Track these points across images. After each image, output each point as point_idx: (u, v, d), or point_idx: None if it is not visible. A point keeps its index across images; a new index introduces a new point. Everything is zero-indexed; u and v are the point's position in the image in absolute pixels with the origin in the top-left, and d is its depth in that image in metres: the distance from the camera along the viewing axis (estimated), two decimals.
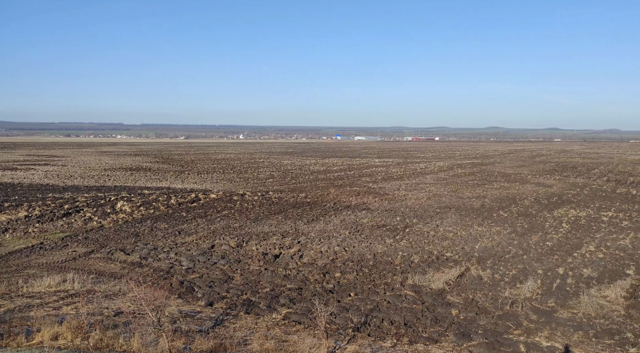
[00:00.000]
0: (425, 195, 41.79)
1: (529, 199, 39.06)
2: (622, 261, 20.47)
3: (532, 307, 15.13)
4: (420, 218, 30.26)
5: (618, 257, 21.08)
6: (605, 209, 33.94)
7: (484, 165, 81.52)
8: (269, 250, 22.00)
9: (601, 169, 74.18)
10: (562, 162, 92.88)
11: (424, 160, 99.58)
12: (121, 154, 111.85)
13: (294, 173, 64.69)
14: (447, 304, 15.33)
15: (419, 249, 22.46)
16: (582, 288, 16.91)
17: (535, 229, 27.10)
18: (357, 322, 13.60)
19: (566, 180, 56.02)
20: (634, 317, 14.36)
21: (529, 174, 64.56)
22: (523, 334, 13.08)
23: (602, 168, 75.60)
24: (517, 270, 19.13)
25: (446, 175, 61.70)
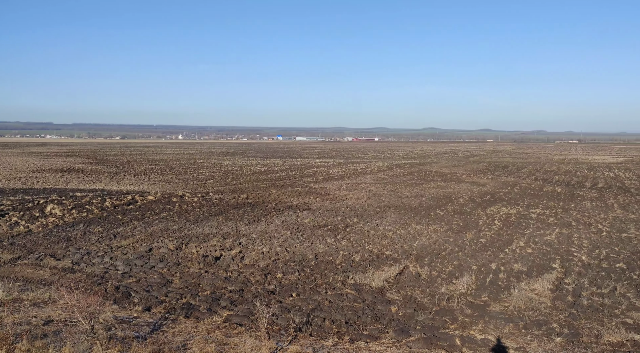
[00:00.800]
0: (365, 194, 42.45)
1: (464, 198, 40.53)
2: (548, 255, 21.64)
3: (467, 301, 15.71)
4: (360, 218, 30.70)
5: (545, 252, 22.26)
6: (534, 206, 35.74)
7: (422, 165, 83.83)
8: (210, 252, 21.63)
9: (530, 168, 78.09)
10: (494, 161, 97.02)
11: (364, 160, 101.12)
12: (51, 155, 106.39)
13: (235, 174, 63.94)
14: (386, 302, 15.64)
15: (360, 248, 22.79)
16: (513, 282, 17.73)
17: (470, 227, 28.14)
18: (299, 322, 13.63)
19: (498, 179, 58.56)
20: (559, 308, 15.22)
21: (464, 173, 66.98)
22: (459, 328, 13.57)
23: (531, 167, 79.60)
24: (453, 267, 19.80)
25: (386, 175, 62.95)
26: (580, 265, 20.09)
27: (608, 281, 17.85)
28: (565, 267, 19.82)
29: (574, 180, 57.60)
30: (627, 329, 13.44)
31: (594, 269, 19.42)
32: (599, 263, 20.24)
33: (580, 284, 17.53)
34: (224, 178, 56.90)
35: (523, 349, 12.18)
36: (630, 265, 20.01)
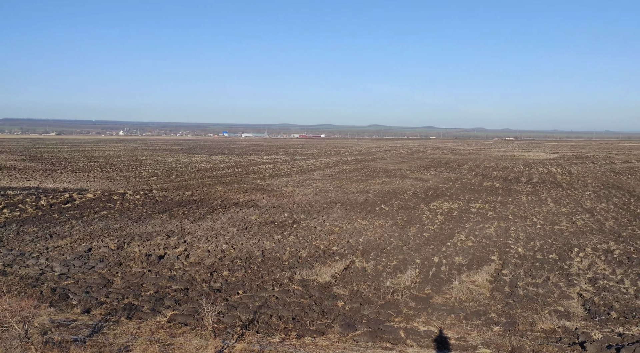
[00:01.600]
0: (312, 191, 42.63)
1: (408, 193, 41.45)
2: (487, 248, 22.50)
3: (411, 295, 16.10)
4: (307, 214, 30.81)
5: (484, 245, 23.13)
6: (474, 201, 37.04)
7: (367, 162, 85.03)
8: (153, 251, 21.09)
9: (470, 164, 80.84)
10: (436, 158, 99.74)
11: (311, 156, 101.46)
12: None
13: (179, 171, 62.57)
14: (333, 297, 15.79)
15: (307, 244, 22.87)
16: (454, 274, 18.32)
17: (414, 221, 28.82)
18: (245, 319, 13.53)
19: (440, 175, 60.26)
20: (497, 298, 15.87)
21: (408, 169, 68.48)
22: (403, 321, 13.89)
23: (471, 163, 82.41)
24: (398, 261, 20.23)
25: (332, 171, 63.43)
26: (516, 257, 21.01)
27: (542, 271, 18.76)
28: (503, 259, 20.67)
29: (511, 175, 60.10)
30: (558, 316, 14.19)
31: (529, 260, 20.35)
32: (534, 255, 21.23)
33: (517, 275, 18.33)
34: (167, 176, 55.58)
35: (464, 339, 12.62)
36: (562, 255, 21.12)
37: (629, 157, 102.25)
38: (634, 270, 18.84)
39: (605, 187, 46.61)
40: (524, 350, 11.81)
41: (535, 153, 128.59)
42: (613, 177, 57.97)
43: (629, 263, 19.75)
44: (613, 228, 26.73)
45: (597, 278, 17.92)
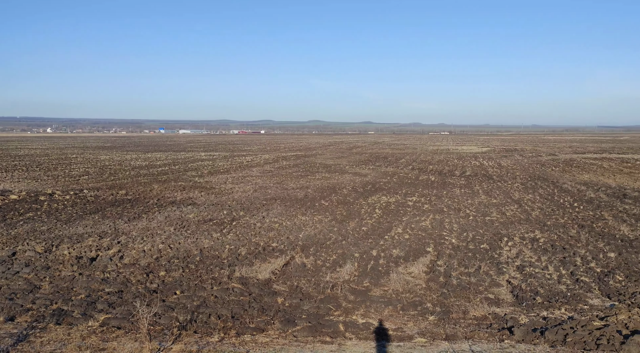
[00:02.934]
0: (251, 187, 42.28)
1: (347, 188, 41.95)
2: (423, 240, 23.16)
3: (350, 288, 16.32)
4: (247, 211, 30.53)
5: (420, 237, 23.79)
6: (411, 195, 38.00)
7: (307, 157, 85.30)
8: (84, 253, 20.20)
9: (407, 158, 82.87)
10: (375, 152, 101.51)
11: (251, 153, 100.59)
12: None
13: (112, 169, 60.23)
14: (273, 293, 15.75)
15: (246, 241, 22.67)
16: (392, 267, 18.74)
17: (353, 216, 29.21)
18: (183, 320, 13.24)
19: (379, 169, 61.39)
20: (432, 288, 16.38)
21: (347, 164, 69.28)
22: (342, 314, 14.06)
23: (408, 158, 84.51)
24: (337, 255, 20.45)
25: (272, 168, 63.16)
26: (450, 247, 21.76)
27: (474, 261, 19.54)
28: (438, 250, 21.35)
29: (446, 169, 62.13)
30: (489, 304, 14.86)
31: (463, 251, 21.14)
32: (467, 245, 22.07)
33: (451, 265, 19.00)
34: (100, 174, 53.37)
35: (401, 329, 12.94)
36: (492, 245, 22.09)
37: (553, 150, 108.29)
38: (557, 256, 20.00)
39: (532, 179, 49.13)
40: (457, 337, 12.26)
41: (468, 147, 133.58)
42: (539, 169, 61.18)
43: (552, 251, 20.93)
44: (539, 218, 28.21)
45: (524, 265, 18.88)
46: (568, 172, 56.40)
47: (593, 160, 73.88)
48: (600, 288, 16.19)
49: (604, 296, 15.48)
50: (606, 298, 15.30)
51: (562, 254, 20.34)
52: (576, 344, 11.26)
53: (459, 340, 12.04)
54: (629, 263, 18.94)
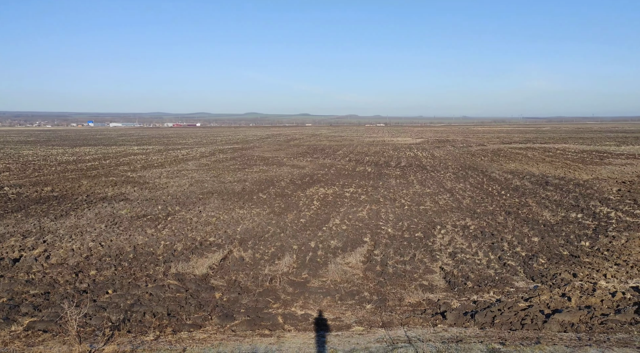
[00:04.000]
0: (187, 181, 41.35)
1: (285, 180, 41.92)
2: (360, 230, 23.56)
3: (288, 280, 16.36)
4: (182, 206, 29.84)
5: (358, 227, 24.18)
6: (348, 186, 38.51)
7: (245, 150, 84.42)
8: (6, 254, 19.03)
9: (344, 150, 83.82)
10: (312, 144, 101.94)
11: (186, 146, 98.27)
12: None
13: (37, 164, 56.98)
14: (211, 288, 15.52)
15: (182, 237, 22.18)
16: (330, 258, 18.95)
17: (291, 208, 29.24)
18: (116, 320, 12.78)
19: (316, 161, 61.73)
20: (369, 277, 16.72)
21: (285, 156, 69.17)
22: (281, 307, 14.08)
23: (345, 149, 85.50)
24: (276, 248, 20.42)
25: (208, 161, 62.01)
26: (387, 237, 22.26)
27: (409, 249, 20.10)
28: (375, 239, 21.80)
29: (382, 160, 63.39)
30: (423, 290, 15.35)
31: (398, 240, 21.69)
32: (402, 234, 22.67)
33: (387, 254, 19.45)
34: (22, 170, 50.36)
35: (339, 319, 13.12)
36: (426, 233, 22.81)
37: (482, 141, 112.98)
38: (486, 242, 20.94)
39: (463, 168, 51.08)
40: (393, 324, 12.59)
41: (403, 138, 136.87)
42: (469, 159, 63.67)
43: (482, 237, 21.89)
44: (469, 206, 29.40)
45: (456, 252, 19.64)
46: (496, 161, 59.05)
47: (518, 150, 77.73)
48: (525, 271, 17.12)
49: (528, 278, 16.38)
50: (530, 280, 16.20)
51: (491, 240, 21.32)
52: (503, 325, 11.86)
53: (395, 326, 12.37)
54: (551, 246, 20.14)
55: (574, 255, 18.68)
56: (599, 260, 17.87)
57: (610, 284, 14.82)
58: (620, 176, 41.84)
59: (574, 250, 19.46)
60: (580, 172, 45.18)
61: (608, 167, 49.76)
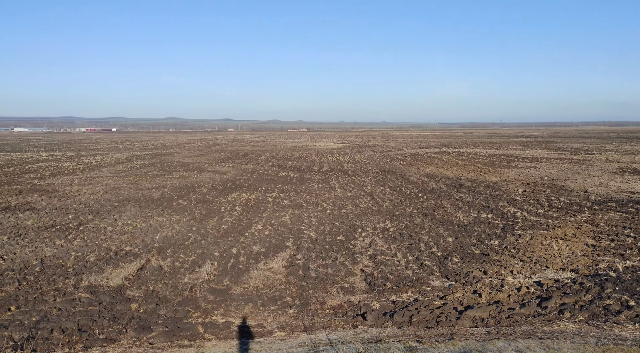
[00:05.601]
0: (102, 189, 39.38)
1: (207, 186, 41.07)
2: (283, 235, 23.54)
3: (209, 288, 16.00)
4: (96, 215, 28.36)
5: (280, 232, 24.15)
6: (271, 191, 38.38)
7: (164, 156, 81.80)
8: None
9: (267, 155, 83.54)
10: (235, 150, 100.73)
11: (100, 152, 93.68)
12: None
13: None
14: (126, 300, 14.85)
15: (96, 247, 21.07)
16: (252, 264, 18.77)
17: (213, 214, 28.68)
18: (19, 338, 11.87)
19: (239, 166, 61.03)
20: (292, 282, 16.73)
21: (206, 162, 67.78)
22: (201, 316, 13.73)
23: (268, 154, 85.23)
24: (196, 256, 19.93)
25: (125, 167, 59.46)
26: (309, 241, 22.41)
27: (331, 253, 20.36)
28: (297, 244, 21.86)
29: (304, 165, 63.81)
30: (344, 293, 15.59)
31: (320, 243, 21.90)
32: (324, 238, 22.91)
33: (309, 258, 19.58)
34: None
35: (261, 325, 13.01)
36: (348, 236, 23.20)
37: (401, 145, 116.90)
38: (405, 244, 21.65)
39: (383, 172, 52.55)
40: (315, 327, 12.67)
41: (325, 143, 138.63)
42: (389, 163, 65.63)
43: (400, 239, 22.60)
44: (389, 209, 30.27)
45: (376, 254, 20.13)
46: (414, 165, 61.29)
47: (434, 154, 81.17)
48: (441, 270, 17.87)
49: (443, 277, 17.10)
50: (445, 279, 16.93)
51: (409, 241, 22.06)
52: (420, 323, 12.29)
53: (317, 330, 12.45)
54: (464, 246, 21.17)
55: (484, 254, 19.75)
56: (506, 258, 19.02)
57: (517, 280, 15.80)
58: (525, 178, 44.84)
59: (484, 248, 20.58)
60: (490, 175, 47.93)
61: (515, 169, 53.19)
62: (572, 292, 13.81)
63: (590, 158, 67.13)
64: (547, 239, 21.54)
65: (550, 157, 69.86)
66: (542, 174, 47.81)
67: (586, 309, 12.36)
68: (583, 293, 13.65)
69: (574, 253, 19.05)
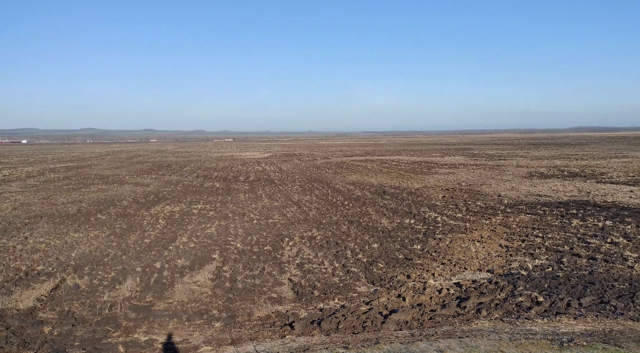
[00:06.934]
0: (10, 205, 36.75)
1: (128, 199, 39.47)
2: (209, 247, 23.07)
3: (131, 305, 15.35)
4: (3, 233, 26.41)
5: (206, 244, 23.65)
6: (196, 203, 37.53)
7: (81, 168, 77.76)
8: None
9: (192, 166, 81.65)
10: (158, 161, 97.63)
11: (9, 166, 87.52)
12: None
13: None
14: (39, 323, 13.91)
15: (3, 267, 19.59)
16: (177, 277, 18.23)
17: (134, 228, 27.59)
18: None
19: (162, 178, 59.19)
20: (218, 295, 16.42)
21: (127, 174, 65.17)
22: (122, 335, 13.13)
23: (193, 165, 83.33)
24: (117, 272, 19.06)
25: (37, 181, 55.88)
26: (236, 252, 22.11)
27: (258, 263, 20.19)
28: (224, 255, 21.50)
29: (231, 175, 62.98)
30: (272, 303, 15.51)
31: (247, 254, 21.67)
32: (251, 248, 22.70)
33: (236, 269, 19.31)
34: None
35: (186, 341, 12.64)
36: (275, 246, 23.13)
37: (327, 154, 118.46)
38: (331, 251, 21.90)
39: (309, 181, 52.94)
40: (242, 340, 12.49)
41: (251, 153, 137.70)
42: (315, 171, 66.24)
43: (327, 246, 22.84)
44: (315, 217, 30.52)
45: (303, 262, 20.21)
46: (339, 173, 62.25)
47: (359, 162, 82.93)
48: (367, 276, 18.23)
49: (369, 283, 17.46)
50: (371, 284, 17.29)
51: (336, 249, 22.34)
52: (347, 329, 12.47)
53: (244, 342, 12.28)
54: (388, 251, 21.74)
55: (408, 258, 20.39)
56: (428, 261, 19.74)
57: (438, 282, 16.44)
58: (444, 184, 46.85)
59: (408, 253, 21.24)
60: (412, 182, 49.64)
61: (435, 176, 55.44)
62: (488, 291, 14.57)
63: (503, 164, 71.35)
64: (465, 242, 22.59)
65: (467, 164, 73.50)
66: (460, 180, 50.16)
67: (501, 307, 13.08)
68: (498, 292, 14.44)
69: (490, 254, 20.11)
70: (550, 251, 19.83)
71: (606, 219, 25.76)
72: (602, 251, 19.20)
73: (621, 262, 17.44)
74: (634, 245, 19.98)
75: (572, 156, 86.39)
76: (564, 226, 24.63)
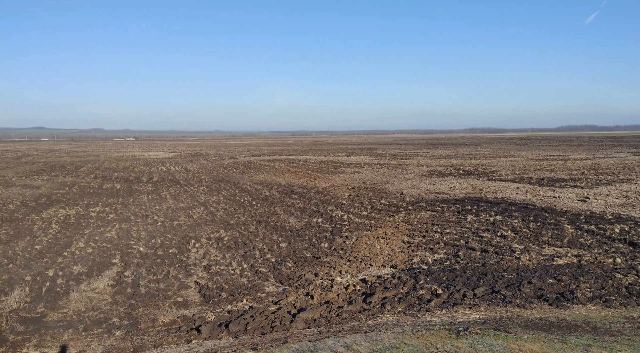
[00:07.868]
0: None
1: (15, 203, 36.36)
2: (109, 252, 21.87)
3: (19, 318, 14.15)
4: None
5: (106, 249, 22.39)
6: (94, 205, 35.40)
7: None
8: None
9: (89, 166, 76.94)
10: (50, 161, 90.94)
11: None
12: None
13: None
14: None
15: None
16: (73, 285, 17.09)
17: (23, 234, 25.48)
18: None
19: (55, 179, 55.20)
20: (119, 301, 15.60)
21: (14, 176, 60.05)
22: (8, 350, 12.06)
23: (90, 166, 78.55)
24: (2, 282, 17.49)
25: None
26: (139, 256, 21.14)
27: (163, 267, 19.46)
28: (125, 260, 20.48)
29: (132, 176, 60.15)
30: (178, 307, 15.01)
31: (151, 258, 20.81)
32: (155, 252, 21.82)
33: (139, 274, 18.47)
34: None
35: (83, 352, 11.88)
36: (181, 248, 22.43)
37: (234, 154, 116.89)
38: (239, 252, 21.64)
39: (217, 181, 51.93)
40: (145, 347, 11.97)
41: (155, 152, 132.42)
42: (222, 171, 65.11)
43: (235, 247, 22.54)
44: (223, 218, 29.99)
45: (210, 264, 19.77)
46: (247, 173, 61.70)
47: (267, 162, 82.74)
48: (275, 276, 18.22)
49: (278, 282, 17.46)
50: (280, 284, 17.30)
51: (244, 249, 22.10)
52: (255, 330, 12.37)
53: (148, 349, 11.78)
54: (297, 250, 21.89)
55: (315, 257, 20.65)
56: (335, 259, 20.13)
57: (345, 279, 16.82)
58: (350, 183, 48.06)
59: (315, 251, 21.52)
60: (319, 181, 50.38)
61: (341, 175, 56.69)
62: (392, 286, 15.15)
63: (405, 163, 74.60)
64: (371, 239, 23.32)
65: (371, 163, 75.94)
66: (365, 179, 51.69)
67: (404, 301, 13.65)
68: (401, 286, 15.06)
69: (393, 251, 20.93)
70: (448, 245, 21.02)
71: (497, 214, 27.81)
72: (494, 244, 20.70)
73: (509, 253, 18.92)
74: (520, 237, 21.75)
75: (467, 155, 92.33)
76: (460, 222, 26.23)
